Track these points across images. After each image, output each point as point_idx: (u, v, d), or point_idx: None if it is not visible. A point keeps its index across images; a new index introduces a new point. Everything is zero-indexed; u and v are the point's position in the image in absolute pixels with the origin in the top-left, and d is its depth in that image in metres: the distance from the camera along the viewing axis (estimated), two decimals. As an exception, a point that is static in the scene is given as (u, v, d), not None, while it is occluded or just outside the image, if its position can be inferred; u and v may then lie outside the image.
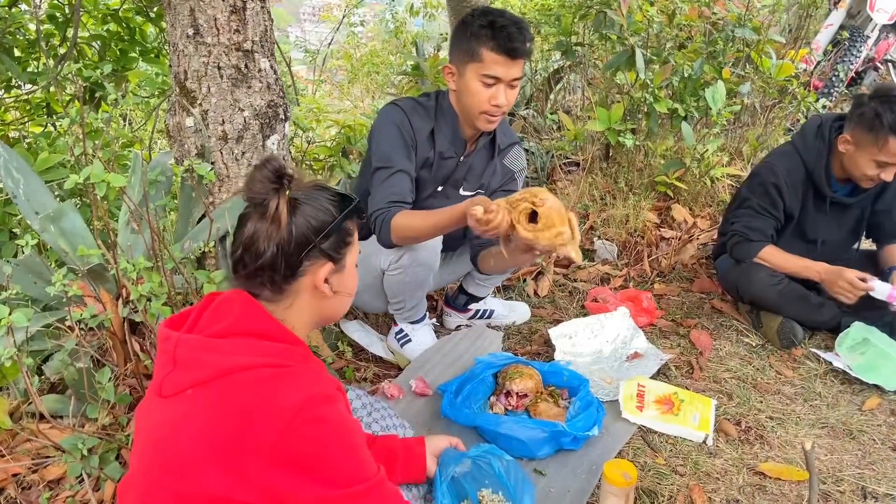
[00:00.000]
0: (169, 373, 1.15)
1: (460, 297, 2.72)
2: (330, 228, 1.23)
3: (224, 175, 2.25)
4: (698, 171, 3.46)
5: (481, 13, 2.05)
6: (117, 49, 3.61)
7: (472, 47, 2.04)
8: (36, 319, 1.94)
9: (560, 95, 5.04)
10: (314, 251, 1.22)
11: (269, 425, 1.07)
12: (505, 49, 2.01)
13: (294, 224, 1.20)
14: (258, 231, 1.19)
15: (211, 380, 1.11)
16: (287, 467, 1.08)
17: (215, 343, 1.15)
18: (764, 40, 3.70)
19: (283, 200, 1.18)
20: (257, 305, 1.21)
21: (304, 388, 1.11)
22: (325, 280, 1.26)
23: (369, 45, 9.39)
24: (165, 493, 1.11)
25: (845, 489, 1.87)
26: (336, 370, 2.34)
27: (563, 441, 1.93)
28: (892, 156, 2.34)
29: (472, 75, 2.08)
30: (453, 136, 2.25)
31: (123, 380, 2.04)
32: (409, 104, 2.23)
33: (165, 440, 1.12)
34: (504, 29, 2.00)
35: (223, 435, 1.08)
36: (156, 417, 1.15)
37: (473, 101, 2.12)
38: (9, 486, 1.89)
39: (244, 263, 1.22)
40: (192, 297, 2.02)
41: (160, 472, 1.12)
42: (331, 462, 1.12)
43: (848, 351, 2.40)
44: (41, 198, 2.29)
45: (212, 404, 1.10)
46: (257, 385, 1.10)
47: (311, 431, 1.09)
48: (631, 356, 2.46)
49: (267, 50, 2.25)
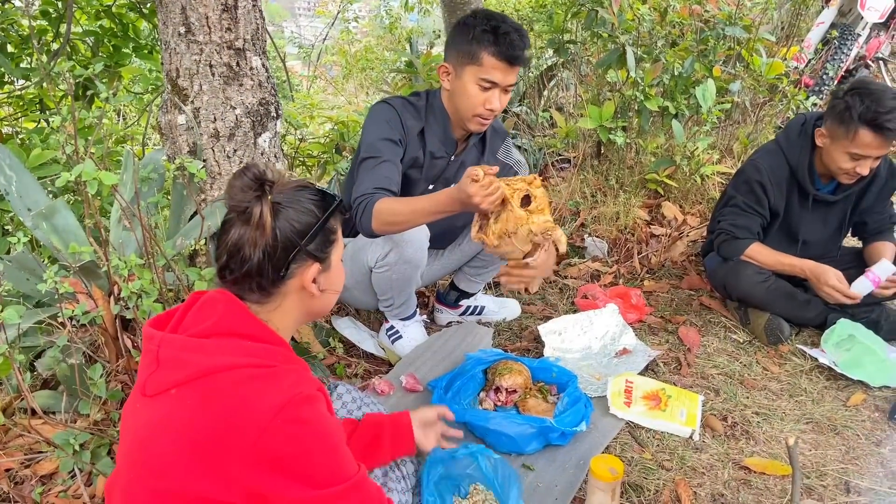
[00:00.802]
0: (153, 372, 1.16)
1: (451, 293, 2.74)
2: (314, 230, 1.23)
3: (216, 172, 2.27)
4: (688, 169, 3.48)
5: (484, 17, 2.06)
6: (110, 45, 3.61)
7: (473, 50, 2.05)
8: (28, 316, 1.95)
9: (553, 93, 5.05)
10: (300, 254, 1.23)
11: (250, 425, 1.08)
12: (506, 56, 2.03)
13: (278, 228, 1.20)
14: (243, 237, 1.19)
15: (194, 379, 1.12)
16: (267, 467, 1.09)
17: (198, 343, 1.15)
18: (755, 38, 3.72)
19: (266, 206, 1.18)
20: (241, 306, 1.22)
21: (285, 389, 1.12)
22: (313, 280, 1.26)
23: (364, 41, 9.38)
24: (147, 492, 1.12)
25: (829, 483, 1.90)
26: (327, 366, 2.36)
27: (552, 437, 1.96)
28: (864, 147, 2.36)
29: (470, 78, 2.09)
30: (444, 136, 2.26)
31: (115, 376, 2.05)
32: (400, 102, 2.24)
33: (148, 439, 1.13)
34: (507, 36, 2.01)
35: (205, 434, 1.09)
36: (140, 416, 1.17)
37: (468, 104, 2.13)
38: (1, 480, 1.90)
39: (230, 269, 1.22)
40: (183, 294, 2.04)
41: (142, 470, 1.13)
42: (311, 462, 1.13)
43: (834, 347, 2.43)
44: (33, 194, 2.30)
45: (194, 404, 1.11)
46: (239, 385, 1.11)
47: (291, 432, 1.10)
48: (619, 352, 2.49)
49: (259, 48, 2.26)
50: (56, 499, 1.82)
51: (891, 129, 2.29)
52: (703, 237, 3.28)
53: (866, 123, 2.32)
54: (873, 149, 2.35)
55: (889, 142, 2.33)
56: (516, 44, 2.03)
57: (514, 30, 2.03)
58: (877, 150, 2.36)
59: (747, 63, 3.82)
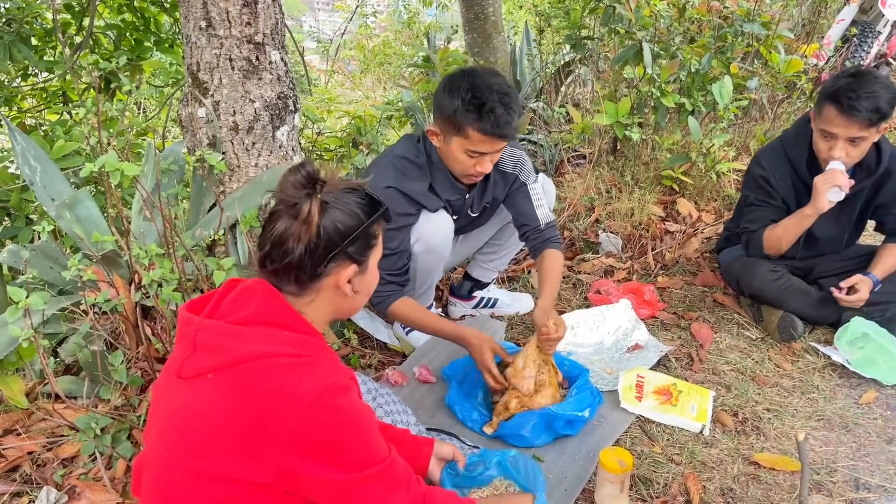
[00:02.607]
0: (189, 356, 1.19)
1: (465, 283, 2.77)
2: (357, 233, 1.26)
3: (234, 165, 2.31)
4: (704, 166, 3.48)
5: (468, 86, 1.97)
6: (132, 38, 3.67)
7: (458, 123, 2.00)
8: (51, 303, 2.00)
9: (570, 89, 5.05)
10: (340, 254, 1.26)
11: (288, 413, 1.12)
12: (491, 133, 1.98)
13: (323, 227, 1.22)
14: (288, 230, 1.22)
15: (231, 365, 1.15)
16: (304, 453, 1.13)
17: (237, 330, 1.18)
18: (773, 35, 3.70)
19: (315, 204, 1.21)
20: (279, 296, 1.25)
21: (321, 377, 1.15)
22: (348, 281, 1.29)
23: (382, 36, 9.41)
24: (182, 472, 1.16)
25: (838, 480, 1.91)
26: (342, 357, 2.39)
27: (558, 426, 1.98)
28: (829, 123, 2.35)
29: (458, 147, 2.06)
30: (452, 186, 2.24)
31: (135, 363, 2.10)
32: (398, 173, 2.17)
33: (186, 421, 1.17)
34: (492, 113, 1.94)
35: (243, 420, 1.13)
36: (176, 399, 1.20)
37: (458, 168, 2.13)
38: (24, 463, 1.95)
39: (272, 259, 1.25)
40: (202, 284, 2.08)
41: (178, 450, 1.17)
42: (345, 448, 1.17)
43: (847, 345, 2.42)
44: (57, 185, 2.35)
45: (232, 390, 1.14)
46: (277, 373, 1.15)
47: (327, 419, 1.14)
48: (632, 347, 2.50)
49: (278, 42, 2.30)
50: (77, 481, 1.86)
51: (852, 106, 2.27)
52: (718, 234, 3.28)
53: (828, 98, 2.33)
54: (837, 126, 2.33)
55: (856, 123, 2.30)
56: (501, 120, 1.96)
57: (499, 103, 1.95)
58: (841, 129, 2.33)
59: (766, 60, 3.80)
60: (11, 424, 2.06)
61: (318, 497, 1.20)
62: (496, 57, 4.63)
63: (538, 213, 2.36)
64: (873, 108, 2.27)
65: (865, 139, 2.36)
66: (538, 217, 2.36)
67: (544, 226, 2.36)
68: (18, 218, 2.77)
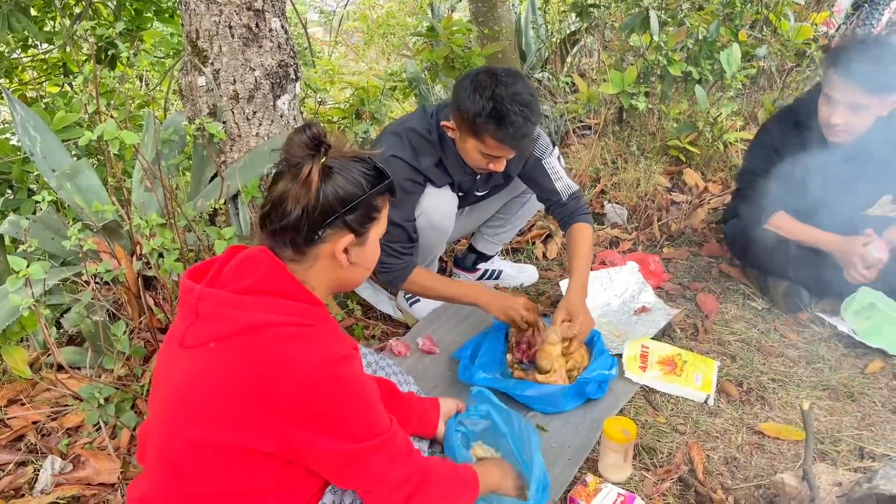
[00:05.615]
0: (191, 324, 1.18)
1: (469, 255, 2.75)
2: (356, 202, 1.25)
3: (235, 134, 2.28)
4: (711, 136, 3.43)
5: (490, 94, 1.91)
6: (132, 8, 3.63)
7: (477, 128, 1.96)
8: (53, 273, 1.99)
9: (576, 58, 4.99)
10: (337, 221, 1.24)
11: (291, 383, 1.12)
12: (510, 143, 1.96)
13: (323, 191, 1.21)
14: (288, 191, 1.21)
15: (234, 334, 1.15)
16: (306, 423, 1.13)
17: (239, 299, 1.18)
18: (783, 2, 3.64)
19: (316, 166, 1.20)
20: (281, 265, 1.24)
21: (324, 348, 1.15)
22: (345, 250, 1.28)
23: (385, 7, 9.29)
24: (185, 440, 1.17)
25: (843, 449, 1.90)
26: (345, 328, 2.39)
27: (588, 390, 2.00)
28: (831, 87, 2.32)
29: (473, 147, 2.03)
30: (463, 168, 2.21)
31: (138, 333, 2.10)
32: (409, 147, 2.14)
33: (188, 390, 1.17)
34: (511, 125, 1.91)
35: (245, 390, 1.12)
36: (178, 366, 1.20)
37: (471, 162, 2.11)
38: (29, 432, 1.97)
39: (270, 219, 1.25)
40: (203, 254, 2.07)
41: (181, 418, 1.17)
42: (347, 418, 1.17)
43: (853, 315, 2.40)
44: (58, 156, 2.34)
45: (235, 358, 1.14)
46: (280, 343, 1.14)
47: (330, 390, 1.13)
48: (639, 310, 2.50)
49: (278, 9, 2.26)
50: (81, 450, 1.88)
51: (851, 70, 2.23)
52: (724, 204, 3.25)
53: (831, 61, 2.31)
54: (838, 91, 2.30)
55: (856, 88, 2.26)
56: (520, 132, 1.93)
57: (520, 115, 1.91)
58: (841, 93, 2.30)
59: (775, 27, 3.73)
60: (16, 394, 2.07)
61: (319, 467, 1.21)
62: (501, 26, 4.56)
63: (557, 187, 2.32)
64: (874, 74, 2.23)
65: (868, 109, 2.31)
66: (558, 191, 2.32)
67: (567, 198, 2.33)
68: (20, 190, 2.77)
